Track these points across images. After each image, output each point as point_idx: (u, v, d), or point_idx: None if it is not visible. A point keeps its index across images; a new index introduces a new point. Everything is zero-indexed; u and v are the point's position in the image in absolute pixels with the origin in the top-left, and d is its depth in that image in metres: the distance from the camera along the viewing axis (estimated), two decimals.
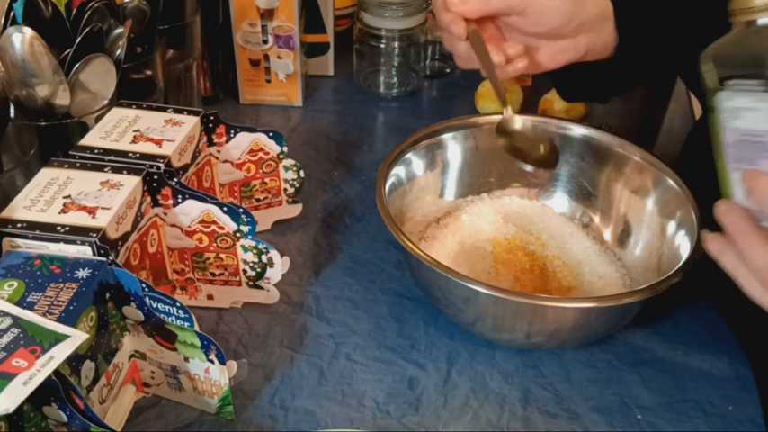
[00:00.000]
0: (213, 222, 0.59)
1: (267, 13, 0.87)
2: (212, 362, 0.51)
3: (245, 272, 0.62)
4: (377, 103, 0.96)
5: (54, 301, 0.46)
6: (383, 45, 0.94)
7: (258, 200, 0.73)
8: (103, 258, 0.50)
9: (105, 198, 0.53)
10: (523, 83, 0.96)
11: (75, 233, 0.50)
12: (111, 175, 0.56)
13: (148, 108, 0.65)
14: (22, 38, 0.59)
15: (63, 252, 0.50)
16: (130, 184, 0.55)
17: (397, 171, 0.67)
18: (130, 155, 0.58)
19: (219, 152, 0.68)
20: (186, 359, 0.52)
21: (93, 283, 0.48)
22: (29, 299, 0.46)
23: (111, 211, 0.52)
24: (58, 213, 0.52)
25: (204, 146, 0.66)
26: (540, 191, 0.73)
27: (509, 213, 0.70)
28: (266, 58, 0.90)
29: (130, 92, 0.67)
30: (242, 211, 0.58)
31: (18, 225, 0.50)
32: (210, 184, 0.68)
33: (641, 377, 0.59)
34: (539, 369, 0.59)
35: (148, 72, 0.73)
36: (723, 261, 0.46)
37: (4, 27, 0.63)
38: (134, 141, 0.60)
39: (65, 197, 0.53)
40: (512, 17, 0.59)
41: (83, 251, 0.50)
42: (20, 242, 0.50)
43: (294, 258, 0.69)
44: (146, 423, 0.54)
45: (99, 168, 0.56)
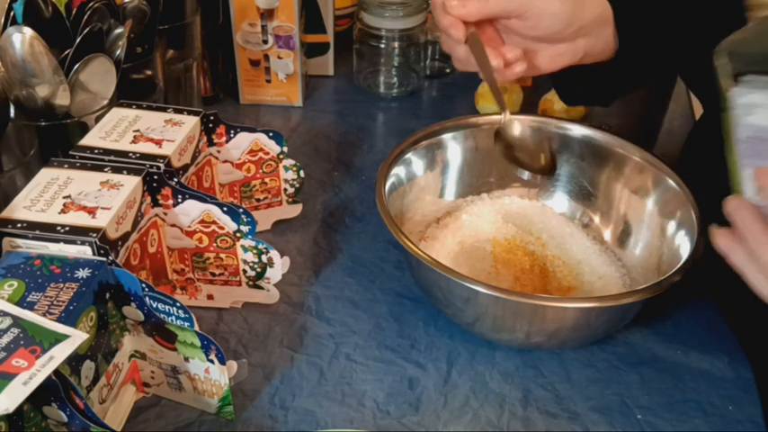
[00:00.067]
0: (213, 222, 0.59)
1: (267, 13, 0.87)
2: (212, 362, 0.51)
3: (245, 272, 0.62)
4: (377, 103, 0.96)
5: (54, 301, 0.46)
6: (383, 45, 0.94)
7: (258, 200, 0.73)
8: (103, 258, 0.50)
9: (105, 198, 0.53)
10: (523, 83, 0.96)
11: (75, 233, 0.50)
12: (111, 175, 0.56)
13: (148, 108, 0.65)
14: (22, 38, 0.59)
15: (63, 252, 0.50)
16: (130, 184, 0.55)
17: (397, 171, 0.66)
18: (130, 155, 0.58)
19: (219, 152, 0.68)
20: (186, 359, 0.52)
21: (93, 283, 0.48)
22: (29, 299, 0.46)
23: (111, 211, 0.52)
24: (58, 213, 0.52)
25: (204, 146, 0.66)
26: (540, 191, 0.73)
27: (509, 213, 0.70)
28: (266, 58, 0.90)
29: (130, 92, 0.67)
30: (242, 211, 0.58)
31: (18, 225, 0.50)
32: (210, 184, 0.68)
33: (641, 377, 0.59)
34: (539, 369, 0.59)
35: (148, 72, 0.73)
36: (731, 257, 0.45)
37: (4, 27, 0.63)
38: (134, 141, 0.60)
39: (65, 197, 0.53)
40: (511, 20, 0.59)
41: (83, 251, 0.50)
42: (20, 242, 0.50)
43: (294, 258, 0.69)
44: (146, 423, 0.54)
45: (99, 168, 0.56)
